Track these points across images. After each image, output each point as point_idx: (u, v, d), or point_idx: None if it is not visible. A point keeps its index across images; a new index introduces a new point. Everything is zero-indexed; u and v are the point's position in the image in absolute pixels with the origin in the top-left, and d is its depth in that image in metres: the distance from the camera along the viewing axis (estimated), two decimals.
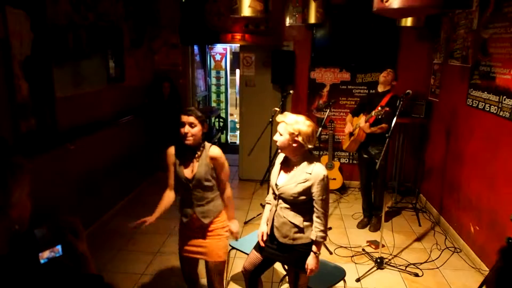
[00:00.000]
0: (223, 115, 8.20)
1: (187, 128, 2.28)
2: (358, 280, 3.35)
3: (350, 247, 3.93)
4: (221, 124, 8.05)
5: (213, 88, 8.24)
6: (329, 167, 5.29)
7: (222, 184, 2.48)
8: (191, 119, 2.29)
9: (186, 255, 2.53)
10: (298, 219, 2.29)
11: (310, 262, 2.27)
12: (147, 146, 5.58)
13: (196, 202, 2.41)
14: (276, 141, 2.27)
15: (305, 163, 2.24)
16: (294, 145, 2.20)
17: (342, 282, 2.68)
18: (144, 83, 5.41)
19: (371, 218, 4.39)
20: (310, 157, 2.27)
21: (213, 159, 2.38)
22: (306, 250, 2.30)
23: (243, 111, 5.80)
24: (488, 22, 3.57)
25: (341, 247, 3.92)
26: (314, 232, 2.25)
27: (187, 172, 2.38)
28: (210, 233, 2.47)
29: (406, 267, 3.55)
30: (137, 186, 5.31)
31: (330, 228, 4.32)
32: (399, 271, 3.50)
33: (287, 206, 2.30)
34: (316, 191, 2.20)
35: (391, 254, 3.75)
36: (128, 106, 4.90)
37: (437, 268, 3.57)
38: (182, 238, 2.56)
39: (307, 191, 2.21)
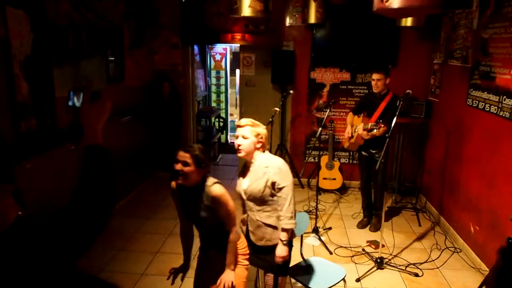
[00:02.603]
0: (223, 115, 8.20)
1: None
2: (358, 280, 3.35)
3: (350, 247, 3.93)
4: (221, 124, 8.05)
5: (213, 88, 8.25)
6: (329, 167, 5.29)
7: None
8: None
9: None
10: (271, 219, 2.36)
11: (279, 250, 2.32)
12: (147, 146, 5.58)
13: None
14: (240, 145, 2.31)
15: (260, 160, 2.34)
16: (258, 145, 2.32)
17: (342, 282, 2.68)
18: (144, 83, 5.41)
19: (371, 218, 4.39)
20: (264, 154, 2.37)
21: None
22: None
23: (243, 111, 5.80)
24: (488, 22, 3.56)
25: (341, 247, 3.92)
26: (282, 221, 2.32)
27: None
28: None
29: (406, 267, 3.55)
30: (137, 186, 5.31)
31: (330, 228, 4.32)
32: (399, 271, 3.50)
33: (259, 208, 2.36)
34: (277, 178, 2.28)
35: (391, 254, 3.75)
36: (128, 106, 4.90)
37: (437, 268, 3.57)
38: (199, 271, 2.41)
39: (271, 183, 2.30)
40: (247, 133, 2.31)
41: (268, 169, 2.29)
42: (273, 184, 2.30)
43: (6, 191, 1.02)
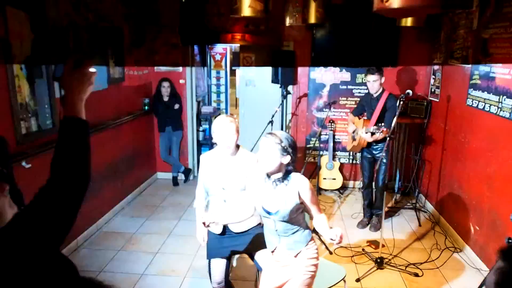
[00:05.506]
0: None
1: None
2: (358, 280, 3.35)
3: (350, 247, 3.93)
4: None
5: (213, 88, 8.24)
6: (329, 167, 5.29)
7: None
8: None
9: None
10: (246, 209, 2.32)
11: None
12: (147, 146, 5.58)
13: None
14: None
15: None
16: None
17: (342, 282, 2.68)
18: (144, 83, 5.41)
19: (371, 218, 4.39)
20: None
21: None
22: (258, 232, 2.49)
23: (243, 111, 5.80)
24: (488, 22, 3.56)
25: (341, 247, 3.91)
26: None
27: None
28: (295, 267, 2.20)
29: (406, 267, 3.55)
30: (137, 186, 5.31)
31: (330, 228, 4.31)
32: (399, 271, 3.50)
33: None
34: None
35: (391, 254, 3.75)
36: (128, 106, 4.90)
37: (437, 268, 3.57)
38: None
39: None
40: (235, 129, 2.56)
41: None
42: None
43: (2, 190, 1.02)
